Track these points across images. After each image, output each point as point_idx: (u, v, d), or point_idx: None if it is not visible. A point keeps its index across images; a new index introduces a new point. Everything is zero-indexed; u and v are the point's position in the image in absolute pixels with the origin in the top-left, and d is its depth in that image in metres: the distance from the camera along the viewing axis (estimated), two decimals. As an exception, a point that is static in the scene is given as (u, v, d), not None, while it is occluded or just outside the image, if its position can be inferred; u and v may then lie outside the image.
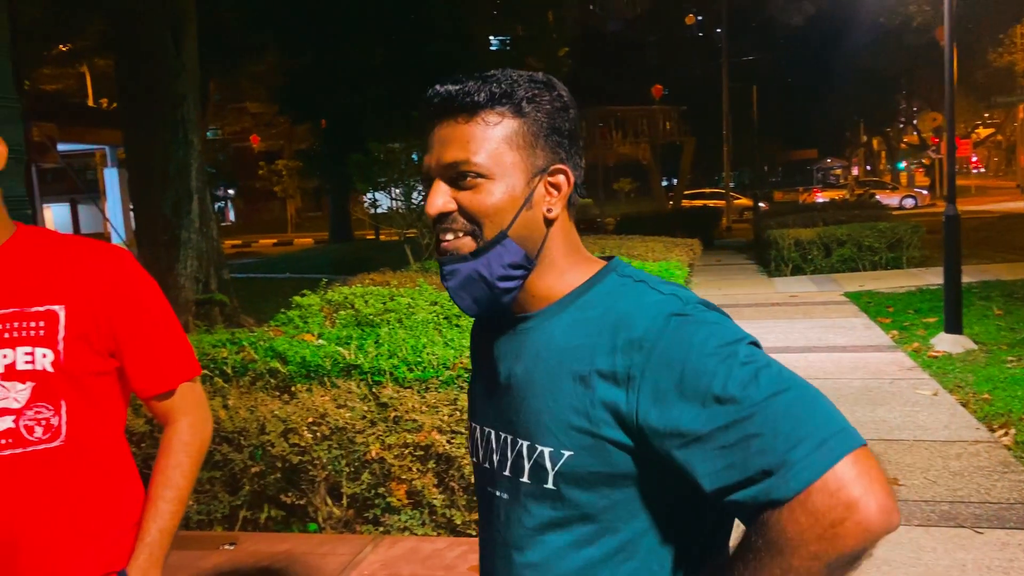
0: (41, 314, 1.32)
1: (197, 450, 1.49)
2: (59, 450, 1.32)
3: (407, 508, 2.93)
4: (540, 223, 0.95)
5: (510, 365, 0.99)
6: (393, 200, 10.45)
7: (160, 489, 1.43)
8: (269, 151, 36.95)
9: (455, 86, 0.96)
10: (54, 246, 1.40)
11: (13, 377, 1.29)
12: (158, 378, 1.45)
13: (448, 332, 3.95)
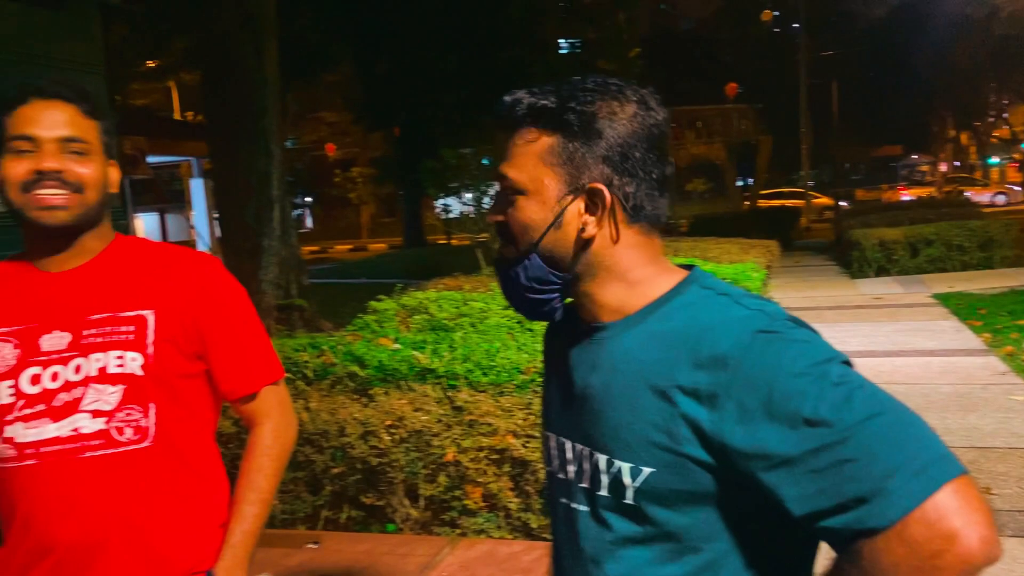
0: (132, 319, 1.38)
1: (280, 453, 1.52)
2: (147, 451, 1.37)
3: (483, 511, 2.96)
4: (573, 242, 0.94)
5: (585, 375, 0.97)
6: (464, 205, 10.56)
7: (244, 492, 1.46)
8: (344, 159, 37.79)
9: (508, 98, 0.97)
10: (146, 253, 1.46)
11: (105, 380, 1.34)
12: (243, 381, 1.49)
13: (521, 336, 3.98)
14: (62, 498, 1.31)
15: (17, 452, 1.32)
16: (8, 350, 1.33)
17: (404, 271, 15.40)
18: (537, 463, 2.85)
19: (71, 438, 1.31)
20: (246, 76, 7.57)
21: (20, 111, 1.34)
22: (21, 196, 1.32)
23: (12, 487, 1.33)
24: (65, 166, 1.33)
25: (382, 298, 5.15)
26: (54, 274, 1.38)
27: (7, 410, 1.32)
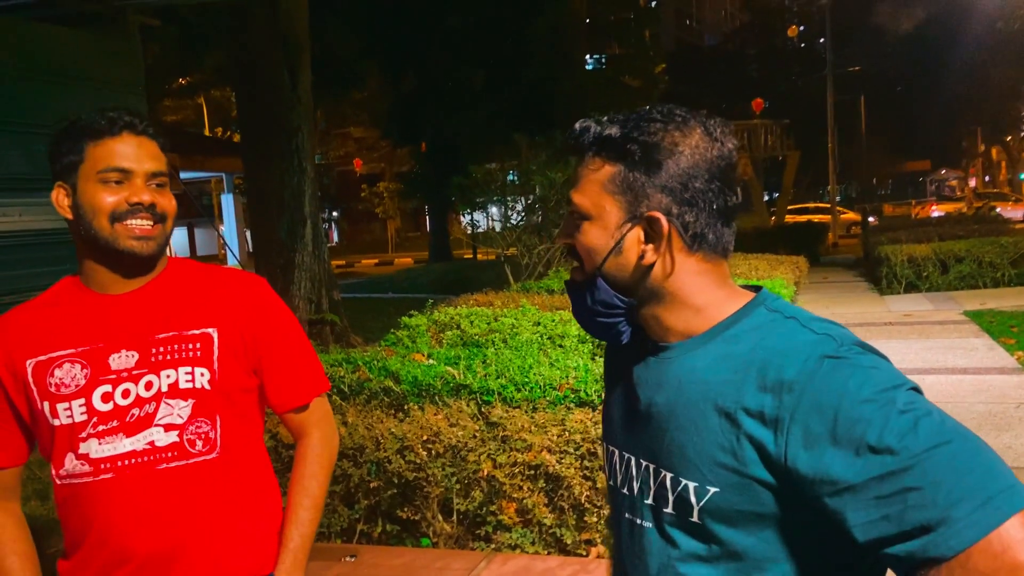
0: (198, 336, 1.44)
1: (328, 461, 1.60)
2: (215, 462, 1.43)
3: (517, 526, 2.99)
4: (634, 268, 0.96)
5: (651, 393, 0.99)
6: (491, 220, 10.64)
7: (299, 498, 1.53)
8: (371, 174, 38.17)
9: (578, 126, 1.00)
10: (201, 274, 1.54)
11: (176, 395, 1.41)
12: (294, 393, 1.56)
13: (553, 352, 4.02)
14: (139, 509, 1.37)
15: (92, 468, 1.37)
16: (77, 370, 1.39)
17: (431, 286, 15.52)
18: (571, 479, 2.88)
19: (146, 451, 1.38)
20: (279, 95, 7.72)
21: (109, 143, 1.39)
22: (110, 226, 1.38)
23: (87, 501, 1.39)
24: (155, 199, 1.40)
25: (414, 314, 5.22)
26: (115, 296, 1.44)
27: (80, 428, 1.38)
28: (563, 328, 4.60)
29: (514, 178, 10.61)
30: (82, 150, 1.40)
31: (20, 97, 5.01)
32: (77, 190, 1.40)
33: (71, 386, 1.38)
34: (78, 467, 1.38)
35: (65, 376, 1.39)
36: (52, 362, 1.40)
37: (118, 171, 1.39)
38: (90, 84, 5.54)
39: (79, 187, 1.40)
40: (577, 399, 3.18)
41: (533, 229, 9.63)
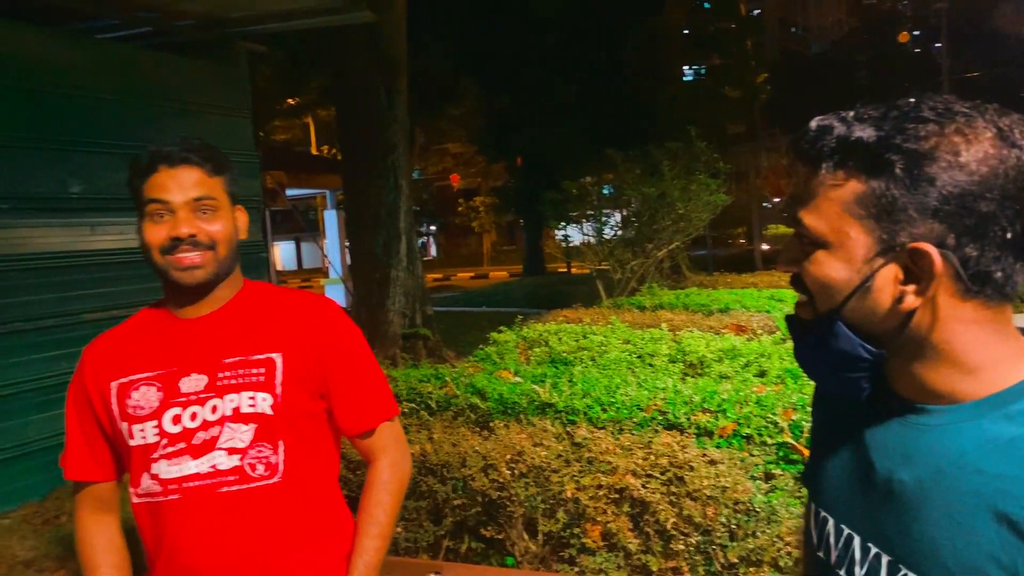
0: (262, 361, 1.46)
1: (397, 487, 1.59)
2: (277, 486, 1.44)
3: (602, 550, 2.93)
4: (887, 313, 0.76)
5: (893, 466, 0.80)
6: (584, 235, 10.59)
7: (365, 526, 1.53)
8: (468, 189, 38.74)
9: (814, 126, 0.79)
10: (272, 298, 1.56)
11: (239, 419, 1.43)
12: (362, 418, 1.57)
13: (641, 372, 3.94)
14: (203, 530, 1.41)
15: (162, 488, 1.42)
16: (152, 393, 1.44)
17: (524, 299, 15.59)
18: (657, 504, 2.80)
19: (209, 474, 1.41)
20: (377, 114, 7.94)
21: (151, 180, 1.43)
22: (162, 259, 1.43)
23: (159, 520, 1.44)
24: (197, 228, 1.42)
25: (503, 329, 5.24)
26: (190, 320, 1.49)
27: (152, 448, 1.43)
28: (653, 347, 4.51)
29: (608, 192, 10.54)
30: (137, 191, 1.46)
31: (132, 121, 5.34)
32: (140, 228, 1.46)
33: (146, 408, 1.43)
34: (151, 486, 1.43)
35: (142, 398, 1.44)
36: (132, 384, 1.45)
37: (158, 203, 1.42)
38: (199, 109, 5.85)
39: (140, 225, 1.46)
40: (665, 421, 3.10)
41: (626, 244, 9.53)
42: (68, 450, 1.53)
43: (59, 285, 4.79)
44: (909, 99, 0.77)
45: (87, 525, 1.55)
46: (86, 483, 1.54)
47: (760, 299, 6.40)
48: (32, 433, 4.59)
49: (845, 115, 0.78)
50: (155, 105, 5.53)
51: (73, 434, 1.53)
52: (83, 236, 4.95)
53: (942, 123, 0.73)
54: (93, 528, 1.54)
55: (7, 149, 4.54)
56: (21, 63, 4.69)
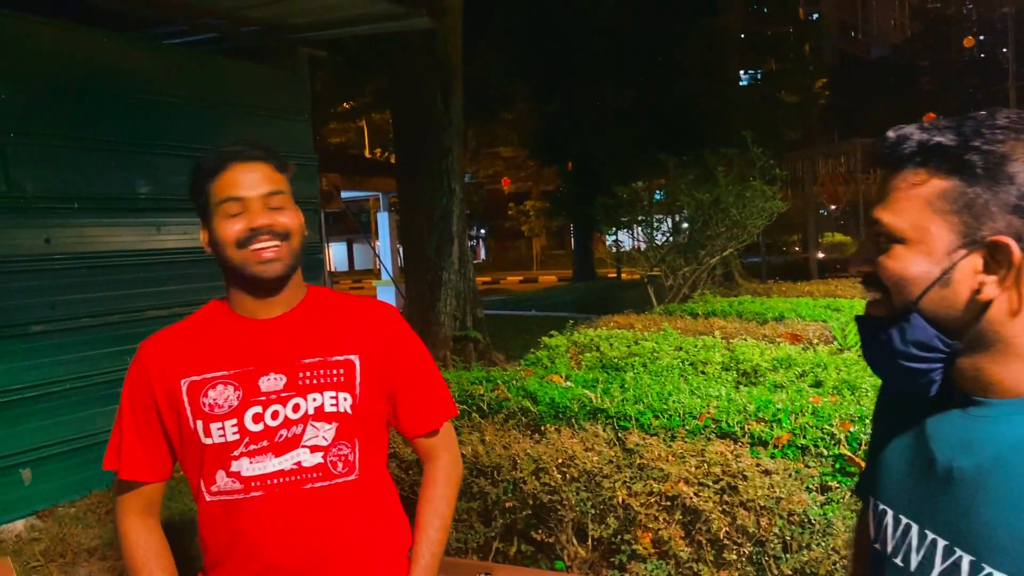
0: (341, 363, 1.50)
1: (456, 482, 1.66)
2: (355, 483, 1.49)
3: (652, 557, 2.92)
4: (965, 304, 0.80)
5: (953, 455, 0.84)
6: (635, 240, 10.53)
7: (429, 518, 1.59)
8: (518, 192, 38.85)
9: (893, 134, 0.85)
10: (337, 303, 1.60)
11: (322, 418, 1.46)
12: (425, 419, 1.62)
13: (694, 379, 3.91)
14: (287, 526, 1.44)
15: (243, 485, 1.44)
16: (230, 392, 1.46)
17: (573, 304, 15.55)
18: (710, 513, 2.78)
19: (293, 471, 1.44)
20: (432, 118, 8.03)
21: (223, 177, 1.46)
22: (238, 253, 1.45)
23: (237, 517, 1.45)
24: (272, 219, 1.46)
25: (554, 334, 5.24)
26: (263, 321, 1.51)
27: (233, 447, 1.45)
28: (706, 354, 4.47)
29: (660, 198, 10.46)
30: (205, 190, 1.48)
31: (197, 124, 5.50)
32: (211, 227, 1.48)
33: (224, 406, 1.45)
34: (229, 484, 1.45)
35: (219, 397, 1.46)
36: (206, 383, 1.47)
37: (234, 200, 1.45)
38: (261, 112, 6.00)
39: (211, 224, 1.48)
40: (718, 430, 3.07)
41: (678, 250, 9.44)
42: (123, 449, 1.51)
43: (125, 283, 4.96)
44: (981, 111, 0.82)
45: (135, 527, 1.53)
46: (137, 483, 1.53)
47: (816, 308, 6.28)
48: (99, 425, 4.76)
49: (923, 124, 0.84)
50: (219, 109, 5.69)
51: (128, 432, 1.52)
52: (149, 236, 5.12)
53: (1017, 129, 0.79)
54: (142, 532, 1.53)
55: (78, 151, 4.73)
56: (93, 68, 4.87)
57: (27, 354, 4.40)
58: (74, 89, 4.73)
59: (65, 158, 4.65)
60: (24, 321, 4.41)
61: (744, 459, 2.82)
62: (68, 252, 4.64)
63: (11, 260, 4.34)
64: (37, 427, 4.44)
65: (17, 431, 4.33)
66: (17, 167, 4.37)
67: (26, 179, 4.43)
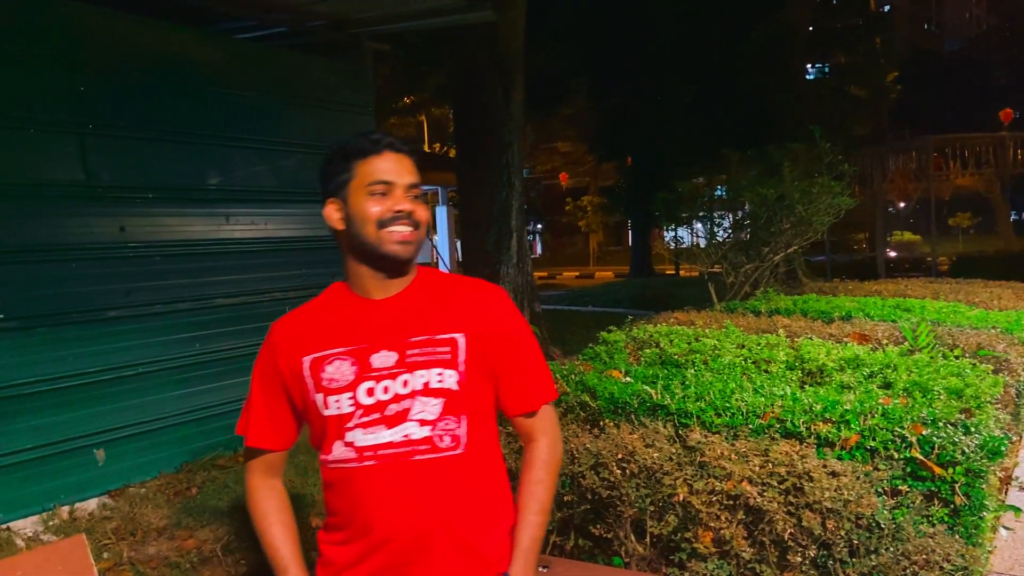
0: (447, 341, 1.59)
1: (555, 466, 1.73)
2: (461, 457, 1.57)
3: (713, 556, 2.88)
4: None
5: None
6: (695, 236, 10.37)
7: (529, 502, 1.65)
8: (576, 188, 38.69)
9: None
10: (446, 283, 1.69)
11: (429, 393, 1.55)
12: (526, 399, 1.69)
13: (757, 378, 3.83)
14: (397, 495, 1.53)
15: (357, 454, 1.55)
16: (347, 367, 1.57)
17: (630, 301, 15.42)
18: (774, 514, 2.72)
19: (403, 443, 1.54)
20: (493, 112, 8.05)
21: (374, 160, 1.58)
22: (376, 232, 1.57)
23: (354, 485, 1.56)
24: (413, 208, 1.58)
25: (613, 329, 5.20)
26: (377, 301, 1.62)
27: (348, 418, 1.55)
28: (769, 352, 4.38)
29: (722, 193, 10.28)
30: (351, 168, 1.59)
31: (264, 117, 5.61)
32: (348, 203, 1.59)
33: (340, 381, 1.56)
34: (346, 453, 1.56)
35: (335, 372, 1.57)
36: (325, 359, 1.58)
37: (383, 184, 1.57)
38: (326, 106, 6.09)
39: (349, 200, 1.59)
40: (783, 430, 3.01)
41: (740, 247, 9.27)
42: (251, 419, 1.67)
43: (195, 271, 5.09)
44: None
45: (259, 487, 1.69)
46: (262, 451, 1.68)
47: (885, 308, 6.09)
48: (168, 409, 4.91)
49: None
50: (286, 102, 5.80)
51: (257, 405, 1.67)
52: (219, 225, 5.25)
53: None
54: (265, 491, 1.69)
55: (153, 143, 4.87)
56: (168, 62, 5.02)
57: (103, 338, 4.56)
58: (149, 82, 4.88)
59: (140, 149, 4.80)
60: (100, 307, 4.57)
61: (810, 460, 2.75)
62: (142, 240, 4.79)
63: (88, 247, 4.50)
64: (111, 409, 4.60)
65: (92, 412, 4.50)
66: (94, 158, 4.53)
67: (103, 169, 4.58)
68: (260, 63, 5.72)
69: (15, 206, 4.18)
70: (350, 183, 1.59)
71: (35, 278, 4.25)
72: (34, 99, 4.27)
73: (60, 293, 4.36)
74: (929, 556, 2.46)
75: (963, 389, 3.40)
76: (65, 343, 4.36)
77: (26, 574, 2.31)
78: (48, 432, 4.27)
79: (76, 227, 4.46)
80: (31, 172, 4.26)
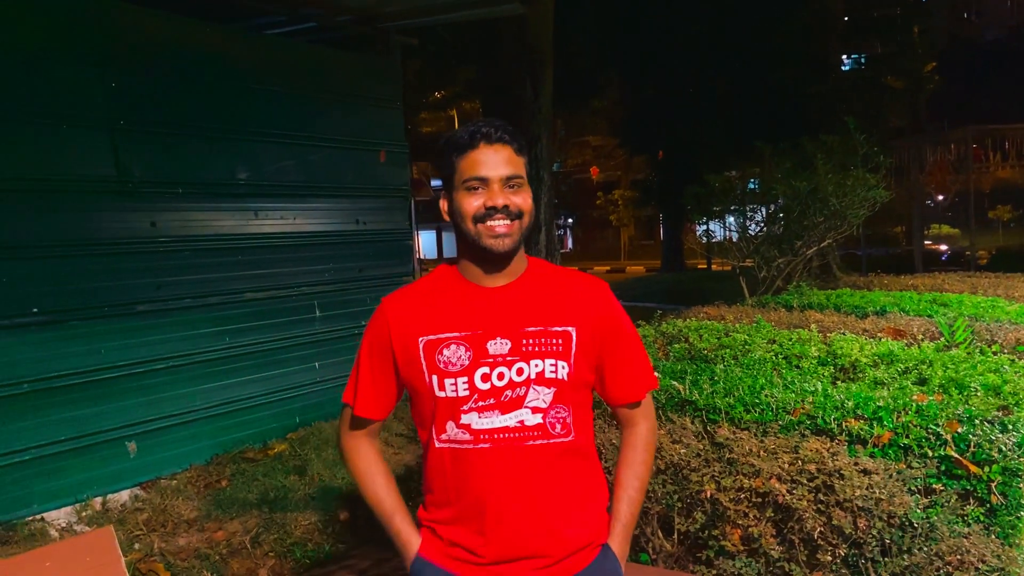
0: (559, 333, 1.63)
1: (653, 449, 1.83)
2: (570, 444, 1.64)
3: (742, 554, 2.83)
4: None
5: None
6: (727, 230, 10.23)
7: (629, 479, 1.77)
8: (607, 181, 38.47)
9: None
10: (559, 276, 1.73)
11: (542, 383, 1.60)
12: (631, 389, 1.77)
13: (788, 374, 3.76)
14: (512, 477, 1.59)
15: (473, 437, 1.60)
16: (462, 352, 1.61)
17: (662, 295, 15.31)
18: (804, 512, 2.67)
19: (517, 428, 1.59)
20: (522, 106, 8.01)
21: (470, 155, 1.60)
22: (474, 227, 1.60)
23: (468, 465, 1.61)
24: (508, 200, 1.60)
25: (642, 324, 5.15)
26: (491, 289, 1.66)
27: (463, 401, 1.60)
28: (801, 348, 4.30)
29: (754, 187, 10.13)
30: (452, 164, 1.63)
31: (294, 112, 5.64)
32: (452, 198, 1.64)
33: (457, 365, 1.60)
34: (460, 435, 1.61)
35: (452, 356, 1.61)
36: (441, 342, 1.62)
37: (476, 179, 1.60)
38: (355, 100, 6.10)
39: (452, 196, 1.64)
40: (813, 426, 2.94)
41: (772, 241, 9.12)
42: (359, 390, 1.73)
43: (225, 265, 5.14)
44: None
45: (359, 447, 1.79)
46: (366, 420, 1.76)
47: (921, 303, 5.95)
48: (198, 402, 4.97)
49: None
50: (315, 97, 5.82)
51: (364, 377, 1.73)
52: (248, 220, 5.29)
53: None
54: (365, 449, 1.79)
55: (183, 138, 4.92)
56: (198, 58, 5.06)
57: (134, 332, 4.62)
58: (180, 78, 4.92)
59: (170, 145, 4.85)
60: (131, 301, 4.63)
61: (841, 457, 2.69)
62: (172, 235, 4.84)
63: (120, 242, 4.57)
64: (143, 402, 4.66)
65: (124, 405, 4.57)
66: (126, 153, 4.59)
67: (134, 165, 4.64)
68: (289, 58, 5.75)
69: (48, 202, 4.25)
70: (452, 178, 1.63)
71: (68, 273, 4.32)
72: (66, 96, 4.34)
73: (92, 287, 4.43)
74: (964, 556, 2.39)
75: (1001, 386, 3.30)
76: (97, 337, 4.43)
77: (56, 564, 2.34)
78: (81, 424, 4.35)
79: (108, 222, 4.52)
80: (64, 168, 4.33)
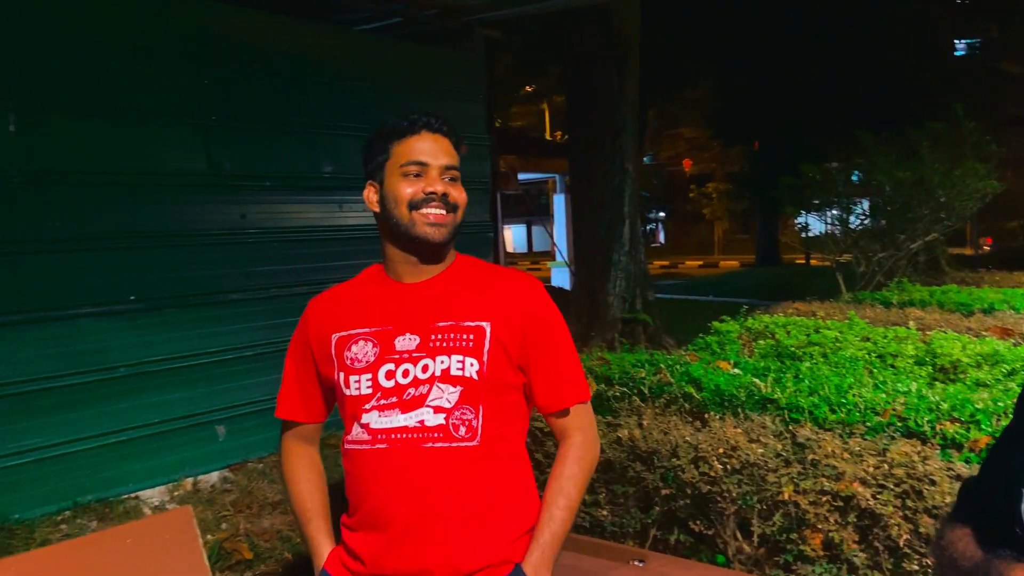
0: (472, 328, 1.53)
1: (588, 465, 1.63)
2: (475, 449, 1.50)
3: (823, 560, 2.69)
4: None
5: None
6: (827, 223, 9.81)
7: (554, 496, 1.58)
8: (700, 174, 37.62)
9: None
10: (480, 271, 1.64)
11: (447, 380, 1.50)
12: (558, 396, 1.63)
13: (880, 373, 3.57)
14: (405, 480, 1.48)
15: (371, 437, 1.51)
16: (369, 348, 1.55)
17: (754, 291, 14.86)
18: (889, 518, 2.51)
19: (416, 428, 1.49)
20: (606, 96, 7.90)
21: (410, 140, 1.56)
22: (408, 213, 1.54)
23: (364, 467, 1.53)
24: (447, 190, 1.55)
25: (726, 319, 4.99)
26: (407, 284, 1.60)
27: (367, 399, 1.53)
28: (897, 346, 4.07)
29: (856, 178, 9.68)
30: (387, 148, 1.58)
31: (377, 106, 5.72)
32: (383, 184, 1.58)
33: (362, 361, 1.54)
34: (361, 435, 1.53)
35: (359, 352, 1.55)
36: (351, 338, 1.57)
37: (416, 164, 1.55)
38: (438, 94, 6.14)
39: (385, 181, 1.58)
40: (904, 428, 2.77)
41: (873, 234, 8.70)
42: (281, 392, 1.72)
43: (310, 256, 5.27)
44: None
45: (290, 451, 1.74)
46: (292, 422, 1.73)
47: (1034, 300, 5.55)
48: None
49: None
50: (399, 91, 5.89)
51: (288, 379, 1.71)
52: (332, 212, 5.41)
53: None
54: (296, 454, 1.73)
55: (271, 133, 5.07)
56: (286, 54, 5.20)
57: (225, 320, 4.80)
58: (268, 74, 5.07)
59: (259, 139, 5.00)
60: (222, 290, 4.81)
61: (933, 462, 2.51)
62: (260, 227, 4.99)
63: (212, 233, 4.74)
64: (232, 387, 4.83)
65: (215, 390, 4.75)
66: (217, 147, 4.75)
67: (224, 158, 4.81)
68: (374, 53, 5.84)
69: (143, 195, 4.45)
70: (386, 164, 1.57)
71: (162, 263, 4.51)
72: (160, 92, 4.53)
73: (185, 277, 4.61)
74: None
75: (1121, 391, 3.03)
76: (189, 324, 4.61)
77: (136, 540, 2.43)
78: (172, 408, 4.54)
79: (200, 214, 4.71)
80: (158, 162, 4.52)
